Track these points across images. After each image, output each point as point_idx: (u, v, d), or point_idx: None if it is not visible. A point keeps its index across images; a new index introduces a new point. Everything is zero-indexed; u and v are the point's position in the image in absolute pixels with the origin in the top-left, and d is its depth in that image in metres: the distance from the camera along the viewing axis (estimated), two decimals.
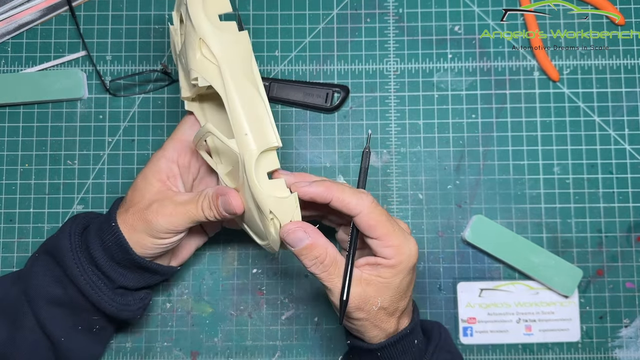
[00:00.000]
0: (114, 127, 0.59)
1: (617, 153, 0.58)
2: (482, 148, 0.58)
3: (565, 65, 0.59)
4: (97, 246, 0.46)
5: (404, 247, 0.43)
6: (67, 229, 0.48)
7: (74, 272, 0.46)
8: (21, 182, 0.58)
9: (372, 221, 0.43)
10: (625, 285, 0.57)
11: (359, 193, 0.44)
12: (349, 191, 0.43)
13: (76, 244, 0.47)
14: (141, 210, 0.45)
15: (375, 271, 0.44)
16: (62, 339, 0.47)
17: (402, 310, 0.46)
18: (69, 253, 0.46)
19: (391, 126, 0.59)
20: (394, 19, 0.60)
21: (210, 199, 0.45)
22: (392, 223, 0.44)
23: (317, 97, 0.58)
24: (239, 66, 0.43)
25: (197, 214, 0.45)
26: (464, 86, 0.59)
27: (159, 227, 0.45)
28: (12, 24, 0.59)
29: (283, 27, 0.60)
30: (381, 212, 0.43)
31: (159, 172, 0.47)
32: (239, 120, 0.42)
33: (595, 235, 0.57)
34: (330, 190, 0.43)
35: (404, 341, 0.46)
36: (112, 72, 0.59)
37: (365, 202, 0.43)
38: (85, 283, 0.46)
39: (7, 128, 0.59)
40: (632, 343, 0.57)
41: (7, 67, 0.59)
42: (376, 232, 0.43)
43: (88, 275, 0.46)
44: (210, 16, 0.44)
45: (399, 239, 0.43)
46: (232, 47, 0.43)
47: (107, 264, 0.46)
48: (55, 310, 0.47)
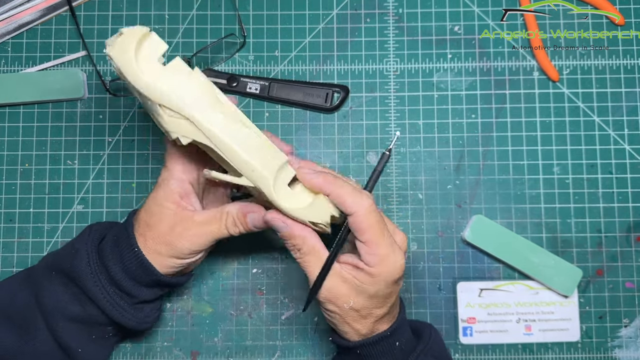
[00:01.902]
0: (114, 127, 0.59)
1: (617, 153, 0.58)
2: (481, 148, 0.58)
3: (565, 65, 0.59)
4: (119, 269, 0.46)
5: (389, 260, 0.43)
6: (83, 248, 0.47)
7: (96, 295, 0.46)
8: (21, 182, 0.58)
9: (364, 224, 0.42)
10: (625, 285, 0.57)
11: (359, 193, 0.43)
12: (349, 189, 0.43)
13: (95, 265, 0.46)
14: (162, 235, 0.46)
15: (354, 272, 0.44)
16: (79, 350, 0.48)
17: (378, 316, 0.45)
18: (89, 275, 0.46)
19: (391, 126, 0.59)
20: (393, 19, 0.60)
21: (236, 218, 0.46)
22: (383, 231, 0.43)
23: (317, 97, 0.58)
24: (208, 103, 0.42)
25: (221, 232, 0.46)
26: (464, 86, 0.59)
27: (185, 250, 0.46)
28: (12, 24, 0.59)
29: (283, 27, 0.60)
30: (376, 218, 0.42)
31: (172, 194, 0.46)
32: (239, 160, 0.42)
33: (594, 235, 0.57)
34: (330, 184, 0.43)
35: (383, 343, 0.46)
36: (112, 72, 0.59)
37: (363, 204, 0.42)
38: (108, 303, 0.46)
39: (7, 128, 0.59)
40: (632, 343, 0.57)
41: (7, 67, 0.59)
42: (364, 237, 0.42)
43: (110, 296, 0.46)
44: (154, 71, 0.41)
45: (386, 249, 0.42)
46: (190, 88, 0.41)
47: (129, 284, 0.47)
48: (72, 325, 0.47)
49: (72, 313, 0.47)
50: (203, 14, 0.60)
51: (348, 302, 0.43)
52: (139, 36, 0.40)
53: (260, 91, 0.58)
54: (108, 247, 0.47)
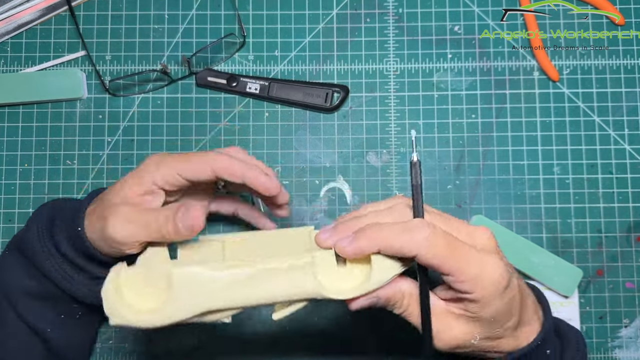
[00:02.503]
0: (114, 127, 0.59)
1: (617, 153, 0.58)
2: (482, 148, 0.58)
3: (565, 65, 0.59)
4: (66, 244, 0.44)
5: (483, 277, 0.35)
6: (34, 222, 0.46)
7: (46, 267, 0.44)
8: (20, 182, 0.58)
9: (435, 260, 0.35)
10: (625, 286, 0.57)
11: (408, 230, 0.35)
12: (396, 231, 0.36)
13: (45, 239, 0.44)
14: (104, 207, 0.41)
15: (460, 305, 0.37)
16: (47, 330, 0.46)
17: (512, 327, 0.39)
18: (39, 249, 0.44)
19: (391, 126, 0.59)
20: (393, 19, 0.60)
21: (172, 212, 0.39)
22: (459, 251, 0.35)
23: (317, 97, 0.58)
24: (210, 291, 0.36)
25: (154, 225, 0.39)
26: (464, 86, 0.59)
27: (111, 234, 0.40)
28: (11, 24, 0.59)
29: (283, 27, 0.60)
30: (443, 244, 0.35)
31: (141, 185, 0.42)
32: (276, 296, 0.37)
33: (595, 235, 0.57)
34: (375, 240, 0.36)
35: (534, 354, 0.39)
36: (111, 72, 0.59)
37: (418, 239, 0.35)
38: (60, 276, 0.44)
39: (6, 128, 0.58)
40: (632, 343, 0.57)
41: (6, 67, 0.59)
42: (443, 269, 0.35)
43: (62, 268, 0.44)
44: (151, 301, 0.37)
45: (474, 268, 0.35)
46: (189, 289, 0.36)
47: (78, 258, 0.44)
48: (34, 303, 0.46)
49: (29, 288, 0.45)
50: (203, 14, 0.60)
51: (474, 337, 0.38)
52: (112, 288, 0.37)
53: (260, 91, 0.58)
54: (58, 221, 0.45)
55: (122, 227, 0.40)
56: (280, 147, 0.58)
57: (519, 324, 0.39)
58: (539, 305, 0.42)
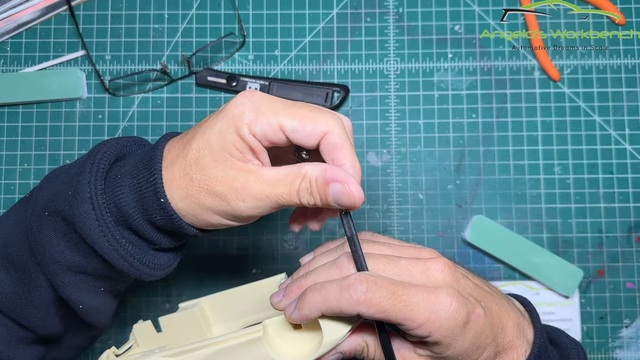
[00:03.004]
0: (113, 126, 0.58)
1: (618, 153, 0.58)
2: (482, 148, 0.58)
3: (565, 65, 0.59)
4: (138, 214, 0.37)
5: (437, 318, 0.33)
6: (85, 185, 0.37)
7: (103, 248, 0.37)
8: (20, 182, 0.58)
9: (379, 314, 0.33)
10: (626, 286, 0.57)
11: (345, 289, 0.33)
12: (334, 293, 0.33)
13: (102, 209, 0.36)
14: (215, 182, 0.35)
15: (425, 347, 0.35)
16: (80, 307, 0.40)
17: (489, 358, 0.36)
18: (94, 222, 0.36)
19: (391, 126, 0.59)
20: (394, 19, 0.60)
21: (314, 183, 0.34)
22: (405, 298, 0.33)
23: (317, 96, 0.58)
24: None
25: (290, 198, 0.35)
26: (465, 86, 0.59)
27: (238, 211, 0.35)
28: (11, 24, 0.59)
29: (283, 26, 0.60)
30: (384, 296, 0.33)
31: (243, 139, 0.34)
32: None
33: (595, 235, 0.57)
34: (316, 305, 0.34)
35: None
36: (111, 72, 0.59)
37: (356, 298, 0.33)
38: (119, 256, 0.37)
39: (6, 128, 0.58)
40: (633, 343, 0.56)
41: (6, 66, 0.59)
42: (392, 321, 0.33)
43: (122, 247, 0.37)
44: None
45: (424, 312, 0.33)
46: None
47: (147, 229, 0.38)
48: (75, 277, 0.39)
49: (72, 264, 0.38)
50: (202, 14, 0.60)
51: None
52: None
53: (260, 91, 0.58)
54: (119, 177, 0.37)
55: (248, 207, 0.35)
56: None
57: (497, 352, 0.36)
58: (530, 322, 0.39)
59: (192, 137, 0.36)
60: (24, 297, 0.40)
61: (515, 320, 0.38)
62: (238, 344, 0.36)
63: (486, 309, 0.36)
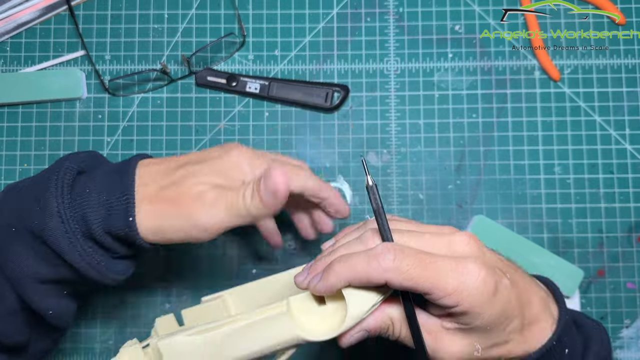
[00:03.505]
0: (113, 127, 0.58)
1: (618, 153, 0.58)
2: (482, 148, 0.58)
3: (566, 65, 0.59)
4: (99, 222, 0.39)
5: (465, 287, 0.33)
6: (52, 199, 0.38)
7: (73, 257, 0.39)
8: None
9: (407, 282, 0.33)
10: (627, 286, 0.57)
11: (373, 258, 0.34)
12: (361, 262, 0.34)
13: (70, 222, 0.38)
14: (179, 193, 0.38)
15: (452, 318, 0.35)
16: (49, 312, 0.41)
17: (516, 331, 0.36)
18: (63, 235, 0.38)
19: (391, 126, 0.59)
20: (394, 18, 0.60)
21: (254, 183, 0.38)
22: (433, 266, 0.33)
23: (317, 96, 0.58)
24: None
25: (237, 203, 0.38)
26: (465, 86, 0.59)
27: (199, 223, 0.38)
28: (10, 24, 0.59)
29: (283, 26, 0.60)
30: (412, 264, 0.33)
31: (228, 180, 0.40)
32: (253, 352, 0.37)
33: (596, 235, 0.57)
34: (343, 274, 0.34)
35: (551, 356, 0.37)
36: (111, 72, 0.59)
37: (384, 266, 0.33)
38: (87, 264, 0.39)
39: (5, 128, 0.58)
40: (633, 344, 0.56)
41: (5, 66, 0.59)
42: (420, 289, 0.33)
43: (88, 256, 0.39)
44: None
45: (452, 281, 0.33)
46: None
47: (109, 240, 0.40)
48: (42, 286, 0.41)
49: (42, 276, 0.40)
50: (202, 14, 0.60)
51: (475, 349, 0.35)
52: None
53: (260, 91, 0.58)
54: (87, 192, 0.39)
55: (208, 214, 0.38)
56: (280, 147, 0.58)
57: (524, 325, 0.36)
58: (553, 300, 0.39)
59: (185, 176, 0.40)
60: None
61: (540, 295, 0.38)
62: (261, 320, 0.36)
63: (512, 281, 0.36)
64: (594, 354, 0.38)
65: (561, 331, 0.37)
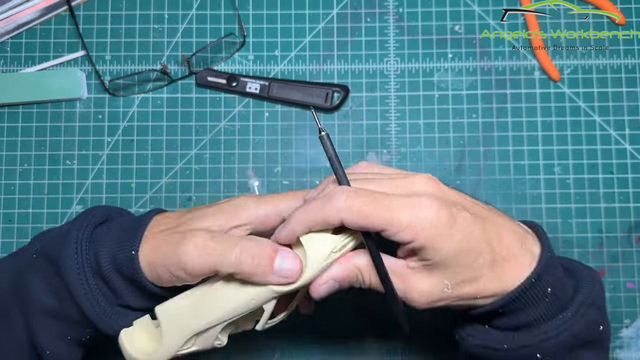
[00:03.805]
0: (113, 127, 0.58)
1: (618, 153, 0.58)
2: (482, 148, 0.58)
3: (565, 65, 0.59)
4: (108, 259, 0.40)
5: (418, 220, 0.33)
6: (74, 232, 0.40)
7: (76, 288, 0.39)
8: (20, 182, 0.58)
9: (361, 220, 0.34)
10: (626, 286, 0.57)
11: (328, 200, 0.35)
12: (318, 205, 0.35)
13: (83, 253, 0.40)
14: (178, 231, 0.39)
15: (415, 257, 0.36)
16: (47, 352, 0.42)
17: (486, 265, 0.35)
18: (73, 265, 0.39)
19: (391, 126, 0.59)
20: (394, 19, 0.60)
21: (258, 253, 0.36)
22: (385, 203, 0.34)
23: (317, 97, 0.58)
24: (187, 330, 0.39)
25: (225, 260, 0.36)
26: (465, 86, 0.59)
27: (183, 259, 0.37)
28: (11, 24, 0.59)
29: (283, 26, 0.60)
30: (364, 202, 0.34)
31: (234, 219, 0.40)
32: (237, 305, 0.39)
33: (596, 235, 0.57)
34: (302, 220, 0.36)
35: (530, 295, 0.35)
36: (111, 72, 0.59)
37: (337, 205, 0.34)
38: (87, 300, 0.40)
39: (6, 128, 0.58)
40: (633, 343, 0.56)
41: (6, 67, 0.59)
42: (375, 227, 0.34)
43: (92, 292, 0.40)
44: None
45: (405, 216, 0.33)
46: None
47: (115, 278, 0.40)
48: (47, 321, 0.41)
49: (47, 306, 0.41)
50: (202, 14, 0.60)
51: (444, 285, 0.35)
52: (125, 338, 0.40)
53: (260, 91, 0.58)
54: (105, 231, 0.41)
55: (196, 254, 0.37)
56: (280, 147, 0.58)
57: (495, 260, 0.35)
58: (536, 239, 0.38)
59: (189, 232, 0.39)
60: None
61: (514, 230, 0.37)
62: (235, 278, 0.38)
63: (477, 215, 0.36)
64: (584, 295, 0.37)
65: (541, 269, 0.36)
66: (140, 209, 0.57)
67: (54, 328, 0.41)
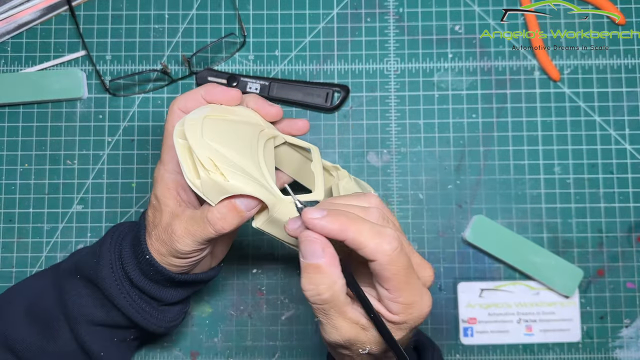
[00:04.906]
0: (114, 126, 0.59)
1: (618, 153, 0.58)
2: (482, 148, 0.58)
3: (565, 65, 0.59)
4: (138, 274, 0.45)
5: (415, 307, 0.36)
6: (106, 254, 0.46)
7: (121, 302, 0.45)
8: (21, 182, 0.58)
9: (388, 273, 0.35)
10: (626, 286, 0.57)
11: (381, 234, 0.35)
12: (369, 230, 0.35)
13: (118, 272, 0.45)
14: (162, 233, 0.43)
15: None
16: (101, 354, 0.47)
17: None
18: (113, 282, 0.45)
19: (391, 126, 0.59)
20: (394, 19, 0.60)
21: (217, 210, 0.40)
22: (409, 277, 0.36)
23: (317, 96, 0.58)
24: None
25: (205, 231, 0.41)
26: (465, 86, 0.59)
27: (178, 249, 0.42)
28: (11, 24, 0.59)
29: (283, 26, 0.60)
30: (402, 263, 0.35)
31: (168, 189, 0.43)
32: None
33: (595, 235, 0.57)
34: (346, 229, 0.35)
35: None
36: (111, 72, 0.59)
37: (385, 249, 0.35)
38: (134, 310, 0.46)
39: (6, 128, 0.58)
40: (633, 343, 0.57)
41: (6, 66, 0.59)
42: (388, 284, 0.36)
43: (135, 302, 0.46)
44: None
45: (412, 296, 0.36)
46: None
47: (151, 288, 0.46)
48: (95, 328, 0.47)
49: (96, 318, 0.47)
50: (203, 14, 0.60)
51: (364, 348, 0.37)
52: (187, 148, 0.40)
53: (260, 91, 0.58)
54: (126, 252, 0.46)
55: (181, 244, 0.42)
56: None
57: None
58: None
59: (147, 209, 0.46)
60: (42, 347, 0.47)
61: None
62: None
63: None
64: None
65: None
66: (140, 209, 0.57)
67: (102, 334, 0.47)
